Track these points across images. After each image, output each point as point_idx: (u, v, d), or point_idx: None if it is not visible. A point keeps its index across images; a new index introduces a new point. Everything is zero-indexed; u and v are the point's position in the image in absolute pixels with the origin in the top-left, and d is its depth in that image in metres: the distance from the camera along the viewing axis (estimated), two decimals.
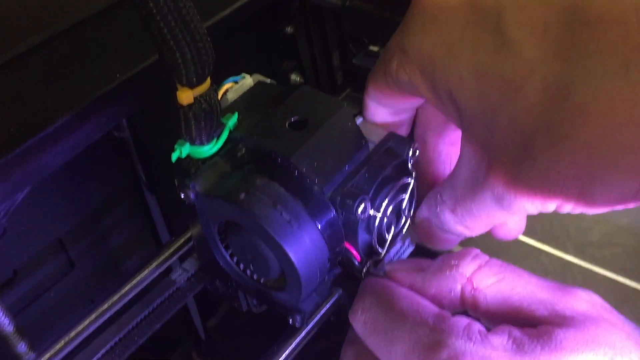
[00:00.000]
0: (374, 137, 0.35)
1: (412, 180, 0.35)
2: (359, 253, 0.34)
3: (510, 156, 0.27)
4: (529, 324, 0.29)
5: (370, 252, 0.35)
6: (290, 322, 0.35)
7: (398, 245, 0.37)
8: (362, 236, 0.34)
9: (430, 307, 0.31)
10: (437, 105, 0.32)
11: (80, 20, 0.40)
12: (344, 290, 0.37)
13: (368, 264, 0.35)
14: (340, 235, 0.33)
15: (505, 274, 0.31)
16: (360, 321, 0.32)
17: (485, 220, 0.32)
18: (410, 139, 0.36)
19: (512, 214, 0.30)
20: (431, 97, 0.31)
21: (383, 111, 0.36)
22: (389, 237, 0.35)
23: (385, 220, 0.34)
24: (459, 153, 0.32)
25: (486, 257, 0.32)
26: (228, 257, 0.35)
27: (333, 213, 0.32)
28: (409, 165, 0.35)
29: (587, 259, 0.72)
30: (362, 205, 0.32)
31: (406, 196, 0.35)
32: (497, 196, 0.29)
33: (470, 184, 0.31)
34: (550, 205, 0.28)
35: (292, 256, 0.31)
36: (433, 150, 0.37)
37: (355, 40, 0.50)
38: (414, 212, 0.36)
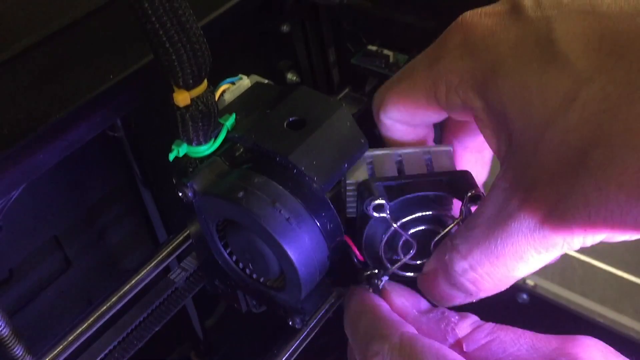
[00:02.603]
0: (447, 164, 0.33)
1: (453, 224, 0.32)
2: (362, 254, 0.33)
3: (557, 178, 0.25)
4: None
5: (375, 262, 0.34)
6: (290, 323, 0.35)
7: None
8: (372, 239, 0.33)
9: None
10: (488, 126, 0.30)
11: (74, 21, 0.39)
12: (344, 290, 0.37)
13: (370, 270, 0.33)
14: (340, 232, 0.33)
15: (498, 333, 0.29)
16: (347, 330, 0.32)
17: (502, 270, 0.28)
18: (475, 186, 0.32)
19: (543, 253, 0.27)
20: (485, 118, 0.29)
21: (402, 128, 0.35)
22: (401, 258, 0.33)
23: (403, 239, 0.32)
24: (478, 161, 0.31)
25: (482, 323, 0.30)
26: (227, 256, 0.35)
27: (333, 211, 0.32)
28: (461, 206, 0.31)
29: (587, 252, 0.72)
30: (375, 203, 0.30)
31: (441, 233, 0.32)
32: (530, 229, 0.26)
33: (494, 222, 0.27)
34: (599, 235, 0.25)
35: (291, 254, 0.31)
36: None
37: (353, 39, 0.49)
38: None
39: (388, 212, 0.31)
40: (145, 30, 0.28)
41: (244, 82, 0.36)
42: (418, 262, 0.33)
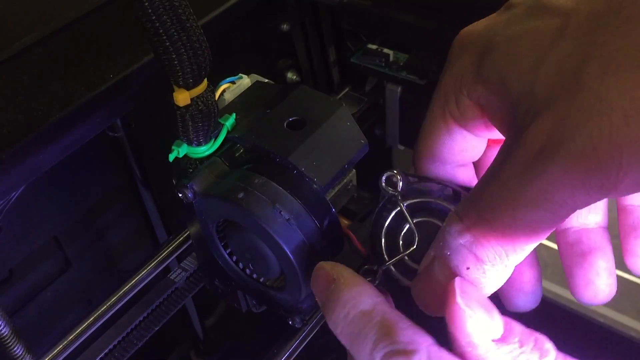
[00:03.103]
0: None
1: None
2: (364, 247, 0.32)
3: (556, 102, 0.23)
4: None
5: (376, 256, 0.32)
6: (290, 323, 0.35)
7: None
8: (378, 227, 0.31)
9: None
10: (495, 112, 0.28)
11: (73, 20, 0.39)
12: None
13: (369, 265, 0.31)
14: (340, 233, 0.33)
15: None
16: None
17: (500, 228, 0.24)
18: None
19: (542, 200, 0.23)
20: (489, 102, 0.28)
21: (442, 168, 0.33)
22: (401, 252, 0.30)
23: (407, 228, 0.30)
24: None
25: None
26: (227, 256, 0.35)
27: (332, 211, 0.32)
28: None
29: None
30: (388, 173, 0.29)
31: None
32: (526, 165, 0.23)
33: (489, 176, 0.25)
34: (604, 157, 0.22)
35: (291, 255, 0.31)
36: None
37: (353, 37, 0.49)
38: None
39: (400, 187, 0.29)
40: (145, 30, 0.28)
41: (244, 81, 0.36)
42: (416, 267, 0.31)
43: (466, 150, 0.32)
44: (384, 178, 0.30)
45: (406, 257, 0.30)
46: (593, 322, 0.59)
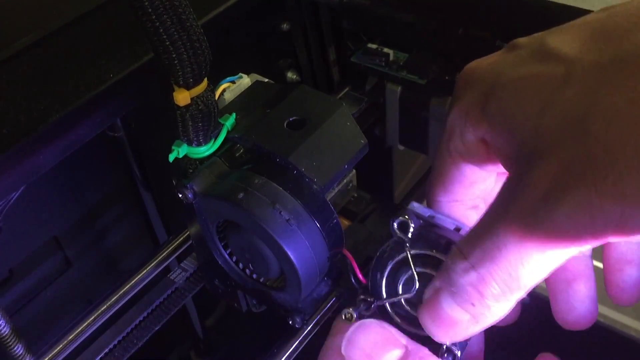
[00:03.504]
0: None
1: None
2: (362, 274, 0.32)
3: (561, 146, 0.24)
4: None
5: (374, 289, 0.32)
6: (290, 322, 0.35)
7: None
8: (382, 264, 0.32)
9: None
10: (499, 148, 0.29)
11: (73, 20, 0.39)
12: (344, 290, 0.36)
13: (366, 296, 0.32)
14: (340, 232, 0.33)
15: None
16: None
17: (506, 269, 0.25)
18: None
19: (549, 246, 0.24)
20: (493, 138, 0.29)
21: (455, 206, 0.33)
22: (399, 294, 0.31)
23: (408, 275, 0.30)
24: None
25: None
26: (227, 257, 0.35)
27: (332, 211, 0.32)
28: None
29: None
30: (401, 219, 0.30)
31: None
32: (532, 210, 0.24)
33: (494, 216, 0.26)
34: (610, 209, 0.23)
35: (292, 255, 0.31)
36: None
37: (353, 37, 0.49)
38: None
39: (410, 234, 0.30)
40: (145, 29, 0.28)
41: (244, 80, 0.36)
42: (411, 312, 0.31)
43: (476, 182, 0.32)
44: (396, 223, 0.30)
45: (402, 300, 0.31)
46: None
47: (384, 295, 0.31)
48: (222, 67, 0.35)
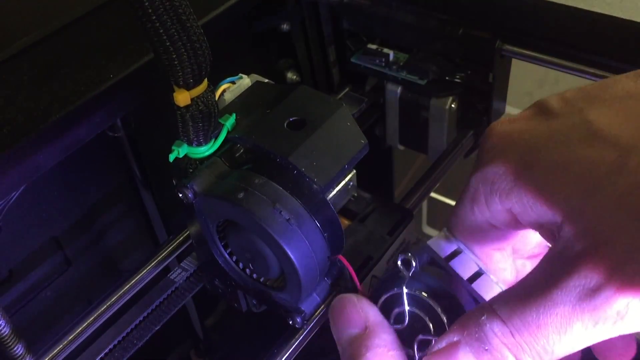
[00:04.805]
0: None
1: (431, 338, 0.30)
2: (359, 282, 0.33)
3: (614, 239, 0.24)
4: None
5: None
6: (290, 322, 0.35)
7: None
8: (381, 289, 0.33)
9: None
10: (530, 220, 0.29)
11: (74, 20, 0.39)
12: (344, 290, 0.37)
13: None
14: (341, 233, 0.33)
15: None
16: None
17: (542, 343, 0.25)
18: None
19: (591, 327, 0.24)
20: (524, 213, 0.28)
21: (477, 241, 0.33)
22: (390, 320, 0.32)
23: (399, 310, 0.31)
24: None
25: None
26: (227, 256, 0.35)
27: (333, 211, 0.32)
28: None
29: None
30: (404, 257, 0.30)
31: (426, 336, 0.30)
32: (579, 297, 0.24)
33: (537, 288, 0.25)
34: None
35: (292, 255, 0.31)
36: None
37: (353, 37, 0.49)
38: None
39: (411, 273, 0.30)
40: (145, 29, 0.28)
41: (244, 81, 0.36)
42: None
43: (506, 241, 0.32)
44: (401, 259, 0.31)
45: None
46: None
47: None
48: (223, 67, 0.35)
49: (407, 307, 0.31)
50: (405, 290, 0.31)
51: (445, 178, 0.48)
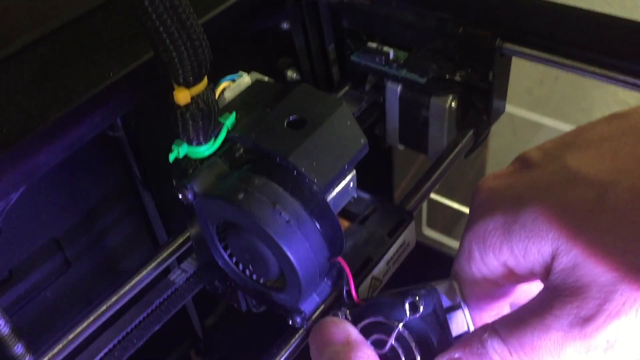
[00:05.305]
0: None
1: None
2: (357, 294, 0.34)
3: (603, 276, 0.25)
4: None
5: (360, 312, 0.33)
6: (290, 322, 0.35)
7: None
8: (377, 309, 0.33)
9: None
10: (523, 272, 0.30)
11: (73, 19, 0.39)
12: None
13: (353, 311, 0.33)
14: (340, 234, 0.33)
15: None
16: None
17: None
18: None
19: (583, 354, 0.26)
20: (516, 264, 0.29)
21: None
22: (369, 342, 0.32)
23: (381, 340, 0.32)
24: None
25: None
26: (227, 258, 0.35)
27: (332, 213, 0.32)
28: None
29: None
30: (412, 301, 0.31)
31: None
32: (571, 324, 0.26)
33: (534, 311, 0.27)
34: None
35: (292, 256, 0.31)
36: None
37: (353, 36, 0.49)
38: None
39: (407, 319, 0.31)
40: (145, 28, 0.28)
41: (244, 79, 0.36)
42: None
43: (507, 296, 0.33)
44: (409, 301, 0.31)
45: None
46: None
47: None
48: (223, 65, 0.35)
49: (392, 342, 0.32)
50: (400, 327, 0.31)
51: (445, 178, 0.48)
